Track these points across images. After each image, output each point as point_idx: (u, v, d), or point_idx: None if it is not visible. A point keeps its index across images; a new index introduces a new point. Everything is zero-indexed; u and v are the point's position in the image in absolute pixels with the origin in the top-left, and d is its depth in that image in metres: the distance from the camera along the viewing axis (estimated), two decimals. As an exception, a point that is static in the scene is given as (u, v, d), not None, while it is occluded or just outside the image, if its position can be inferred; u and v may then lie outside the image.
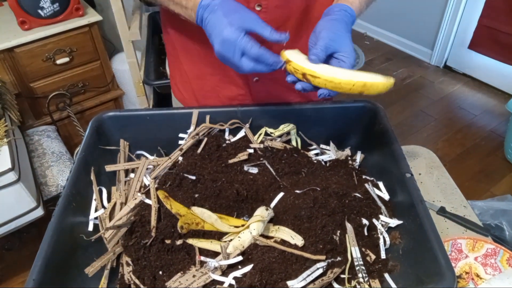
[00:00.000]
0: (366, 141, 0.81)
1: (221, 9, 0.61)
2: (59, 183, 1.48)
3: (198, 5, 0.62)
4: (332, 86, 0.60)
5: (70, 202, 0.64)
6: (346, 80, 0.59)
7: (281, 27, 0.72)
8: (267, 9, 0.69)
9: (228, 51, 0.59)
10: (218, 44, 0.60)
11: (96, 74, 1.90)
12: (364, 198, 0.70)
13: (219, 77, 0.82)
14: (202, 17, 0.63)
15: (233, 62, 0.60)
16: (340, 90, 0.60)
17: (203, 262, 0.61)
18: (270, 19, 0.70)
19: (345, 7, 0.66)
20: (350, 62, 0.62)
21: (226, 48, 0.59)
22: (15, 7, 1.56)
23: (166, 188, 0.71)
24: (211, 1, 0.61)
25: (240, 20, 0.59)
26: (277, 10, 0.70)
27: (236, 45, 0.59)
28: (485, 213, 1.42)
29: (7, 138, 1.26)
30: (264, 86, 0.82)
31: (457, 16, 2.56)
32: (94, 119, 0.77)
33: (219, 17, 0.60)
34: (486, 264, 0.72)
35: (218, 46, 0.60)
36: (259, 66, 0.61)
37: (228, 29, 0.58)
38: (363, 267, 0.61)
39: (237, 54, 0.59)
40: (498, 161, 2.10)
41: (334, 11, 0.65)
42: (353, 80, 0.59)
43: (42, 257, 0.55)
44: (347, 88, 0.59)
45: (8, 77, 1.65)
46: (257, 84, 0.82)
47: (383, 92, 0.61)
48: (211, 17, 0.61)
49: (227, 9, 0.61)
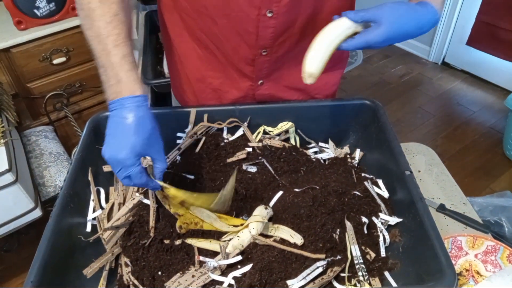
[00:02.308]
0: (365, 138, 0.80)
1: (134, 126, 0.56)
2: (57, 184, 1.47)
3: (119, 99, 0.57)
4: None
5: (67, 203, 0.63)
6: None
7: (288, 30, 0.71)
8: (277, 14, 0.68)
9: (116, 167, 0.56)
10: (109, 157, 0.56)
11: (93, 74, 1.89)
12: (363, 196, 0.70)
13: (221, 80, 0.82)
14: (112, 112, 0.58)
15: (115, 173, 0.57)
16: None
17: (202, 262, 0.61)
18: (279, 24, 0.69)
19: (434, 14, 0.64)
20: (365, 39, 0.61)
21: (116, 164, 0.56)
22: (11, 7, 1.55)
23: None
24: (130, 105, 0.57)
25: (146, 148, 0.57)
26: (286, 15, 0.69)
27: (126, 170, 0.56)
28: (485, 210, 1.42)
29: (4, 139, 1.25)
30: (268, 89, 0.82)
31: (455, 12, 2.56)
32: (91, 119, 0.76)
33: (127, 133, 0.56)
34: (486, 261, 0.72)
35: (107, 157, 0.56)
36: (136, 186, 0.60)
37: (126, 154, 0.55)
38: (363, 265, 0.60)
39: (122, 174, 0.57)
40: (497, 158, 2.10)
41: (424, 3, 0.63)
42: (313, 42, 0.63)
43: (40, 258, 0.55)
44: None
45: (4, 77, 1.64)
46: (261, 87, 0.81)
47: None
48: (120, 127, 0.57)
49: (141, 129, 0.57)
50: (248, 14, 0.68)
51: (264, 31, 0.70)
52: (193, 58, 0.81)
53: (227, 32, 0.72)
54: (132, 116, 0.56)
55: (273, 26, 0.69)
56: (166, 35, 0.82)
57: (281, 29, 0.70)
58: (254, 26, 0.69)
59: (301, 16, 0.71)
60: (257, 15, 0.67)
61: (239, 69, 0.78)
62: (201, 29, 0.75)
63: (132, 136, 0.56)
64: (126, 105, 0.57)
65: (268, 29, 0.70)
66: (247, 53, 0.74)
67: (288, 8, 0.68)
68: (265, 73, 0.78)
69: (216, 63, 0.79)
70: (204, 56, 0.79)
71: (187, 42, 0.79)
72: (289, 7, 0.68)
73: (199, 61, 0.81)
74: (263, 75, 0.79)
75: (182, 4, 0.73)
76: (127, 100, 0.57)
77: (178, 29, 0.79)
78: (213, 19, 0.71)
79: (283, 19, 0.69)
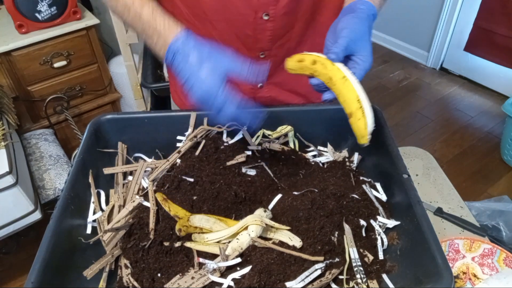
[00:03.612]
0: (363, 142, 0.81)
1: (195, 55, 0.57)
2: (57, 187, 1.47)
3: (168, 47, 0.59)
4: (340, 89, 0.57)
5: (68, 204, 0.64)
6: (355, 95, 0.56)
7: (287, 34, 0.72)
8: (274, 17, 0.69)
9: (207, 103, 0.57)
10: (197, 97, 0.57)
11: (93, 77, 1.90)
12: (361, 199, 0.70)
13: None
14: (172, 62, 0.60)
15: (212, 112, 0.57)
16: (340, 96, 0.58)
17: (201, 264, 0.61)
18: (277, 28, 0.70)
19: (369, 6, 0.61)
20: (365, 66, 0.59)
21: (206, 100, 0.56)
22: (12, 10, 1.56)
23: (164, 190, 0.71)
24: (181, 46, 0.58)
25: (216, 66, 0.57)
26: (284, 18, 0.69)
27: (217, 97, 0.56)
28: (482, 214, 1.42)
29: (4, 142, 1.26)
30: (268, 92, 0.83)
31: (453, 18, 2.58)
32: (92, 122, 0.77)
33: (194, 65, 0.57)
34: (483, 264, 0.72)
35: (196, 97, 0.57)
36: (239, 117, 0.58)
37: (208, 80, 0.56)
38: (361, 268, 0.61)
39: (216, 107, 0.56)
40: (495, 162, 2.12)
41: (358, 8, 0.61)
42: (361, 101, 0.56)
43: (40, 259, 0.55)
44: (349, 101, 0.57)
45: (5, 80, 1.65)
46: (261, 90, 0.82)
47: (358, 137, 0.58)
48: (185, 66, 0.58)
49: (201, 54, 0.57)
50: (246, 17, 0.68)
51: (262, 34, 0.71)
52: None
53: (226, 35, 0.73)
54: (187, 52, 0.58)
55: (270, 29, 0.70)
56: None
57: (279, 32, 0.71)
58: (252, 29, 0.70)
59: (300, 20, 0.71)
60: (254, 18, 0.68)
61: None
62: (201, 33, 0.75)
63: (200, 65, 0.57)
64: (177, 49, 0.59)
65: (265, 32, 0.70)
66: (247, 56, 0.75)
67: (286, 11, 0.69)
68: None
69: None
70: None
71: None
72: (286, 10, 0.68)
73: None
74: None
75: (182, 9, 0.74)
76: (174, 44, 0.59)
77: None
78: (212, 24, 0.72)
79: (281, 22, 0.70)
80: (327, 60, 0.57)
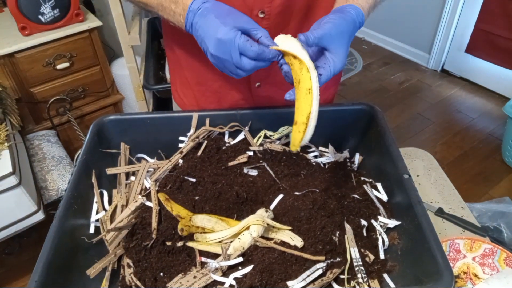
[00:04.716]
0: (364, 143, 0.82)
1: (213, 12, 0.58)
2: (59, 187, 1.48)
3: (188, 9, 0.60)
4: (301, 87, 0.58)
5: (71, 204, 0.64)
6: (309, 111, 0.57)
7: (283, 32, 0.73)
8: (270, 15, 0.70)
9: (226, 52, 0.57)
10: (214, 47, 0.57)
11: (96, 79, 1.91)
12: (362, 199, 0.71)
13: (220, 83, 0.83)
14: (192, 22, 0.60)
15: (233, 62, 0.58)
16: (297, 102, 0.59)
17: (203, 263, 0.62)
18: (272, 25, 0.71)
19: (358, 13, 0.62)
20: (334, 68, 0.58)
21: (223, 49, 0.57)
22: (15, 12, 1.57)
23: (167, 190, 0.72)
24: (201, 4, 0.59)
25: (234, 20, 0.58)
26: (279, 16, 0.70)
27: (233, 44, 0.56)
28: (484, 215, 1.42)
29: (8, 143, 1.27)
30: (265, 91, 0.83)
31: (454, 20, 2.58)
32: (95, 123, 0.78)
33: (211, 20, 0.58)
34: (484, 264, 0.72)
35: (214, 49, 0.57)
36: (260, 63, 0.58)
37: (223, 29, 0.56)
38: (362, 267, 0.61)
39: (235, 54, 0.57)
40: (496, 164, 2.11)
41: (347, 11, 0.61)
42: (310, 119, 0.58)
43: (44, 259, 0.55)
44: (301, 112, 0.58)
45: (8, 82, 1.66)
46: (258, 89, 0.83)
47: (291, 141, 0.60)
48: (203, 22, 0.59)
49: (219, 11, 0.59)
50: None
51: None
52: (193, 61, 0.82)
53: None
54: (206, 11, 0.59)
55: (266, 27, 0.70)
56: (168, 39, 0.84)
57: (274, 30, 0.71)
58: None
59: (295, 18, 0.72)
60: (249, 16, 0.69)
61: None
62: None
63: (217, 19, 0.57)
64: (196, 10, 0.59)
65: None
66: None
67: (281, 9, 0.69)
68: (262, 75, 0.80)
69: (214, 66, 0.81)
70: (203, 59, 0.81)
71: (187, 45, 0.81)
72: (281, 8, 0.69)
73: (198, 64, 0.82)
74: (260, 77, 0.80)
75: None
76: (193, 5, 0.59)
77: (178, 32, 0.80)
78: None
79: (277, 20, 0.71)
80: (304, 64, 0.57)
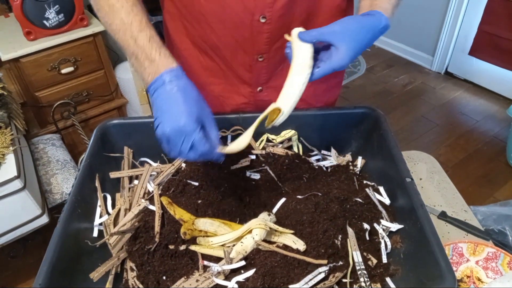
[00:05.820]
0: (366, 146, 0.82)
1: (183, 94, 0.57)
2: (64, 191, 1.49)
3: (160, 75, 0.57)
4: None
5: (75, 208, 0.65)
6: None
7: (283, 36, 0.73)
8: (271, 20, 0.70)
9: (179, 138, 0.55)
10: (171, 129, 0.55)
11: (100, 83, 1.93)
12: (365, 203, 0.71)
13: (223, 86, 0.84)
14: (158, 90, 0.58)
15: (180, 149, 0.56)
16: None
17: (206, 267, 0.62)
18: (274, 30, 0.71)
19: (378, 15, 0.60)
20: (334, 65, 0.57)
21: (179, 135, 0.55)
22: (21, 18, 1.59)
23: (170, 194, 0.72)
24: (175, 79, 0.57)
25: (199, 112, 0.56)
26: (280, 20, 0.70)
27: (190, 137, 0.55)
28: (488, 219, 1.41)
29: (13, 147, 1.28)
30: (267, 95, 0.84)
31: (457, 23, 2.58)
32: (98, 127, 0.78)
33: (179, 101, 0.56)
34: (487, 268, 0.72)
35: (170, 129, 0.55)
36: (201, 158, 0.57)
37: (186, 118, 0.55)
38: (365, 271, 0.61)
39: (186, 144, 0.55)
40: (500, 167, 2.10)
41: (365, 14, 0.61)
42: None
43: (48, 262, 0.56)
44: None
45: (13, 86, 1.67)
46: (260, 93, 0.83)
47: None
48: (170, 97, 0.57)
49: (189, 96, 0.57)
50: (243, 19, 0.69)
51: (259, 37, 0.72)
52: (195, 65, 0.83)
53: (225, 38, 0.74)
54: (176, 86, 0.57)
55: (267, 31, 0.71)
56: (170, 43, 0.85)
57: (276, 34, 0.72)
58: (249, 32, 0.71)
59: (296, 22, 0.72)
60: (251, 21, 0.69)
61: (239, 76, 0.80)
62: (201, 37, 0.77)
63: (184, 104, 0.56)
64: (167, 80, 0.57)
65: (262, 34, 0.71)
66: (245, 59, 0.76)
67: (282, 13, 0.70)
68: (264, 79, 0.80)
69: (217, 70, 0.81)
70: (205, 63, 0.81)
71: (190, 50, 0.81)
72: (282, 12, 0.69)
73: (201, 68, 0.83)
74: (262, 81, 0.80)
75: (183, 11, 0.75)
76: (166, 75, 0.58)
77: (181, 36, 0.81)
78: (211, 26, 0.73)
79: (277, 25, 0.71)
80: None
